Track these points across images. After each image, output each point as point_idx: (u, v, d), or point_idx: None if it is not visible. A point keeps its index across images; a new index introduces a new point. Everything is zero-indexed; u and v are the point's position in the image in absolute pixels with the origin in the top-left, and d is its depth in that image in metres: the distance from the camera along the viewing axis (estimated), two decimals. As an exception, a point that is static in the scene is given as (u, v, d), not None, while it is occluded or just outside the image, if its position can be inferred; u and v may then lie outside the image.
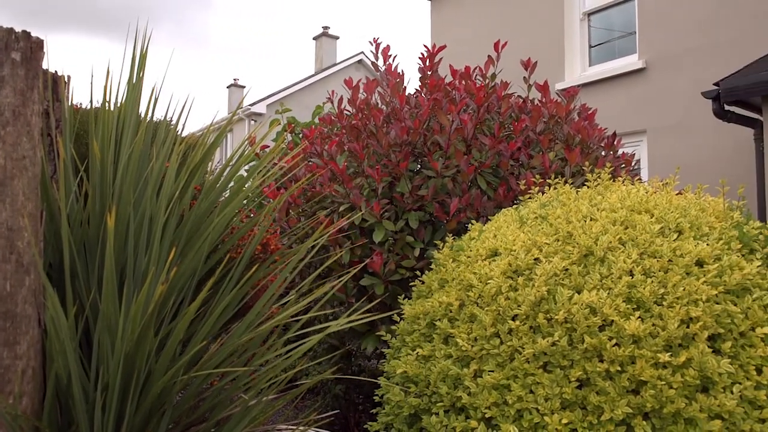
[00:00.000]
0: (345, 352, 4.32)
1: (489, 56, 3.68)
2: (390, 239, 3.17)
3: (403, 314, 2.60)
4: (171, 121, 2.49)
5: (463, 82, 3.61)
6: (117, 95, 2.28)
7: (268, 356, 2.17)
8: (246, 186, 2.35)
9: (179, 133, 2.51)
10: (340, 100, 3.90)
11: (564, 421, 1.83)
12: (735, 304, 1.88)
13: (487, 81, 3.61)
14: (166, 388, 1.77)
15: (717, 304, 1.87)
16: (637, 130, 6.77)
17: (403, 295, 2.95)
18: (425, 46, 3.82)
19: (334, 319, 3.67)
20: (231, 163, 2.36)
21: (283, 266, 2.40)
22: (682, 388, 1.76)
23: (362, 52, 21.29)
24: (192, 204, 2.27)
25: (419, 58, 3.92)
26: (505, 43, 3.78)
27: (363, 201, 3.09)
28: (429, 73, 3.82)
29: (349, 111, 3.90)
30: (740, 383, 1.77)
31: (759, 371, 1.82)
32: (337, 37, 22.94)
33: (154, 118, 2.56)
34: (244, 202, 2.82)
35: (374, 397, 2.60)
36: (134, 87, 2.27)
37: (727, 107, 4.91)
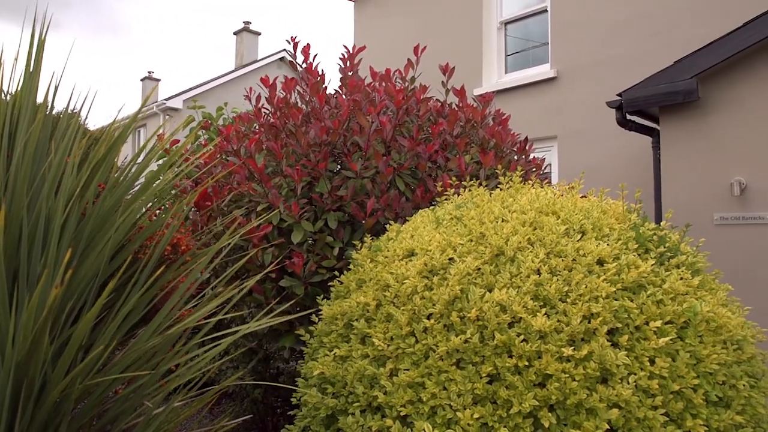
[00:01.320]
0: (263, 355, 4.23)
1: (408, 59, 3.73)
2: (309, 240, 3.14)
3: (321, 315, 2.58)
4: (74, 113, 2.34)
5: (383, 84, 3.64)
6: (12, 84, 2.12)
7: (177, 360, 2.08)
8: (155, 183, 2.25)
9: (83, 126, 2.36)
10: (258, 97, 3.82)
11: (475, 415, 1.88)
12: (631, 300, 2.01)
13: (406, 84, 3.66)
14: (63, 397, 1.66)
15: (615, 300, 1.99)
16: (549, 135, 7.11)
17: (322, 296, 2.93)
18: (345, 46, 3.82)
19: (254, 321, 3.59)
20: (138, 160, 2.25)
21: (195, 267, 2.32)
22: (584, 380, 1.86)
23: (285, 50, 20.93)
24: (95, 202, 2.14)
25: (340, 58, 3.91)
26: (425, 47, 3.85)
27: (281, 201, 3.05)
28: (349, 73, 3.83)
29: (267, 109, 3.83)
30: (635, 374, 1.89)
31: (652, 362, 1.95)
32: (258, 33, 22.46)
33: (56, 110, 2.40)
34: (155, 200, 2.70)
35: (292, 400, 2.56)
36: (31, 75, 2.11)
37: (628, 116, 5.26)
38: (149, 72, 25.35)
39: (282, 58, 21.01)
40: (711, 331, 2.06)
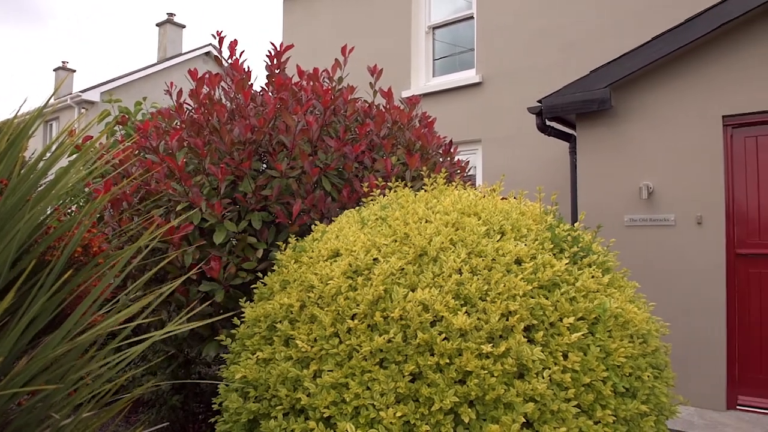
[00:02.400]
0: (184, 360, 4.08)
1: (336, 59, 3.72)
2: (233, 240, 3.07)
3: (244, 317, 2.52)
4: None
5: (311, 84, 3.61)
6: None
7: (89, 368, 1.97)
8: (64, 180, 2.11)
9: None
10: (180, 92, 3.69)
11: (398, 414, 1.90)
12: (547, 298, 2.10)
13: (334, 84, 3.65)
14: (-46, 412, 1.53)
15: (532, 298, 2.07)
16: (474, 139, 7.31)
17: (245, 298, 2.86)
18: (272, 44, 3.76)
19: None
20: (46, 155, 2.11)
21: (109, 269, 2.20)
22: (502, 375, 1.92)
23: (211, 44, 20.36)
24: (-5, 200, 1.98)
25: (266, 56, 3.84)
26: (352, 48, 3.86)
27: (203, 200, 2.95)
28: (276, 71, 3.77)
29: (190, 105, 3.70)
30: (550, 368, 1.97)
31: (565, 356, 2.05)
32: (183, 26, 21.66)
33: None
34: (66, 199, 2.54)
35: (213, 406, 2.49)
36: None
37: (548, 122, 5.50)
38: (63, 62, 23.84)
39: (208, 53, 20.37)
40: (619, 326, 2.19)
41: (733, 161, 4.54)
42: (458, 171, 3.60)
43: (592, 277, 2.28)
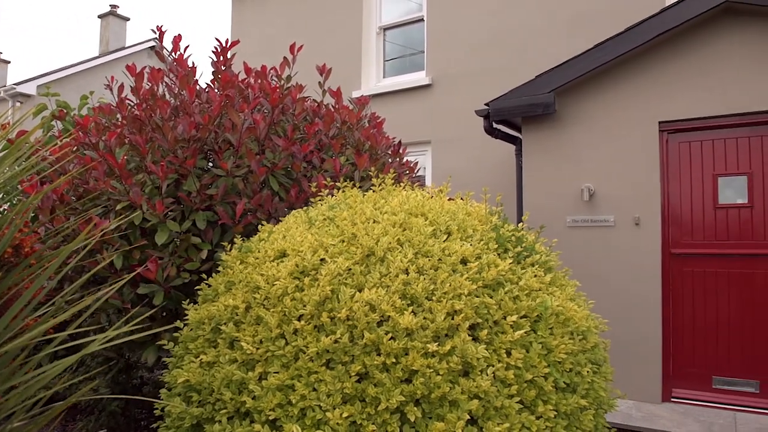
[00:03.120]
0: (124, 364, 3.95)
1: (285, 57, 3.68)
2: (176, 241, 2.98)
3: (187, 320, 2.46)
4: None
5: (259, 81, 3.56)
6: None
7: (19, 378, 1.87)
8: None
9: None
10: (121, 87, 3.56)
11: (345, 414, 1.90)
12: (491, 297, 2.14)
13: (282, 82, 3.60)
14: None
15: (477, 297, 2.10)
16: (424, 140, 7.38)
17: (188, 300, 2.79)
18: (218, 39, 3.68)
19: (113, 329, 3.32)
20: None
21: (42, 271, 2.10)
22: (448, 374, 1.94)
23: (156, 39, 19.75)
24: None
25: (213, 51, 3.76)
26: (301, 46, 3.82)
27: (144, 199, 2.86)
28: (223, 68, 3.69)
29: (131, 101, 3.58)
30: (494, 365, 2.01)
31: (509, 354, 2.09)
32: (127, 19, 20.92)
33: None
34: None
35: (155, 411, 2.41)
36: None
37: (495, 125, 5.61)
38: (-4, 53, 22.61)
39: (153, 47, 19.73)
40: (560, 323, 2.26)
41: (668, 165, 4.76)
42: (407, 171, 3.63)
43: (535, 276, 2.34)
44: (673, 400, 4.65)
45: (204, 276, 2.74)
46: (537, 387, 2.08)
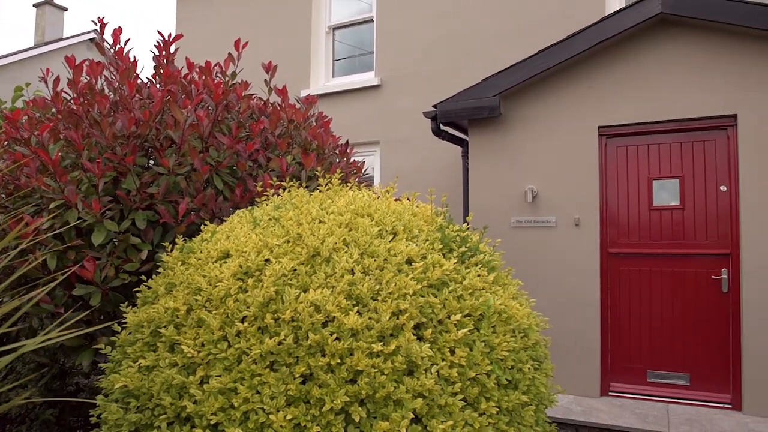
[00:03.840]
0: (58, 370, 3.77)
1: (230, 54, 3.60)
2: (114, 241, 2.87)
3: (125, 323, 2.37)
4: None
5: (203, 77, 3.47)
6: None
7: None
8: None
9: None
10: (57, 80, 3.40)
11: (288, 417, 1.88)
12: (435, 297, 2.17)
13: (227, 79, 3.53)
14: None
15: (422, 297, 2.12)
16: (373, 140, 7.40)
17: (126, 303, 2.69)
18: (161, 33, 3.57)
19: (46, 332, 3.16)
20: None
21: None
22: (392, 373, 1.95)
23: (96, 30, 18.96)
24: None
25: (155, 45, 3.64)
26: (246, 43, 3.76)
27: (80, 198, 2.74)
28: (165, 62, 3.58)
29: (68, 95, 3.43)
30: (437, 364, 2.03)
31: (452, 352, 2.12)
32: (64, 9, 19.98)
33: None
34: None
35: (91, 418, 2.32)
36: None
37: (442, 127, 5.68)
38: None
39: (92, 39, 18.96)
40: (502, 321, 2.30)
41: (606, 168, 4.95)
42: (354, 172, 3.62)
43: (479, 275, 2.38)
44: (611, 394, 4.83)
45: (144, 278, 2.65)
46: (480, 384, 2.12)
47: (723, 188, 4.56)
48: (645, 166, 4.82)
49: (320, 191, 2.72)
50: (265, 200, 2.82)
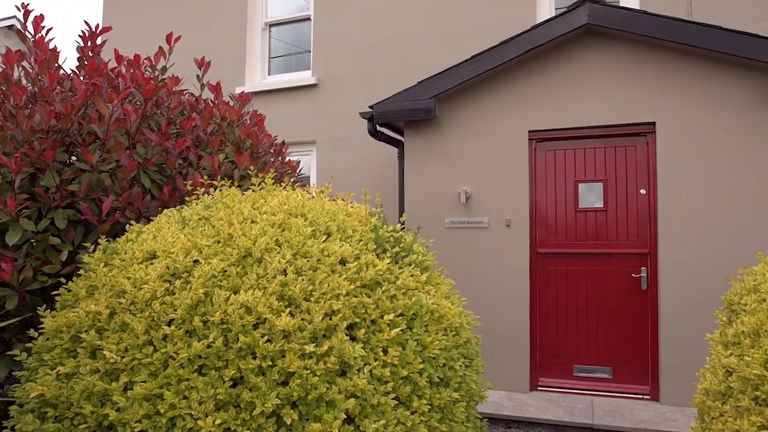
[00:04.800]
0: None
1: (160, 47, 3.48)
2: (32, 241, 2.71)
3: (43, 329, 2.24)
4: None
5: (131, 71, 3.33)
6: None
7: None
8: None
9: None
10: (-34, 70, 3.16)
11: (218, 422, 1.83)
12: (369, 297, 2.17)
13: (157, 73, 3.41)
14: None
15: (355, 297, 2.12)
16: (309, 140, 7.34)
17: (45, 307, 2.54)
18: (86, 23, 3.40)
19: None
20: None
21: None
22: (325, 374, 1.94)
23: (15, 17, 17.80)
24: None
25: (80, 36, 3.46)
26: (179, 37, 3.64)
27: (-8, 195, 2.56)
28: (90, 54, 3.41)
29: (-21, 85, 3.20)
30: (370, 364, 2.04)
31: (385, 352, 2.14)
32: (-22, -6, 18.68)
33: None
34: None
35: (5, 431, 2.18)
36: None
37: (379, 128, 5.71)
38: None
39: (11, 26, 17.80)
40: (435, 320, 2.34)
41: (536, 171, 5.13)
42: (289, 171, 3.58)
43: (412, 275, 2.41)
44: (540, 388, 5.01)
45: (63, 280, 2.51)
46: (412, 383, 2.14)
47: (642, 192, 4.83)
48: (572, 169, 5.04)
49: (253, 191, 2.67)
50: (196, 199, 2.74)
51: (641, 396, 4.75)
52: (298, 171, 3.66)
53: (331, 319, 2.02)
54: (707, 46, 4.40)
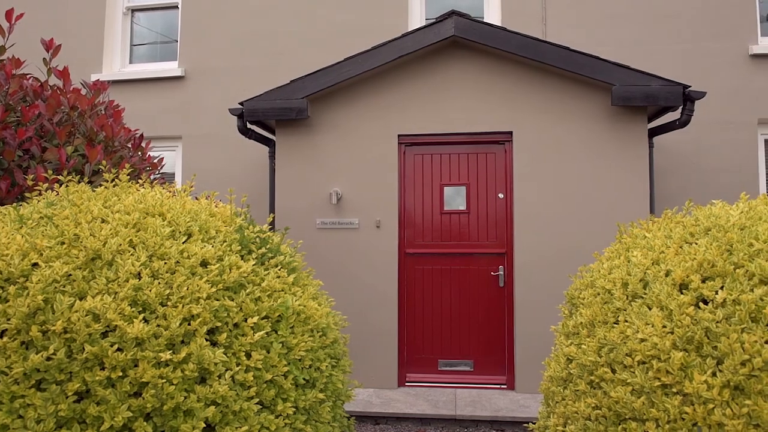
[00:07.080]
0: None
1: (-3, 25, 3.10)
2: None
3: None
4: None
5: (-42, 49, 2.93)
6: None
7: None
8: None
9: None
10: None
11: (58, 441, 1.67)
12: (232, 299, 2.11)
13: (-8, 54, 3.03)
14: None
15: (216, 300, 2.05)
16: (175, 135, 6.95)
17: None
18: None
19: None
20: None
21: None
22: (182, 382, 1.85)
23: None
24: None
25: None
26: (22, 14, 3.27)
27: None
28: None
29: None
30: (232, 369, 1.98)
31: (249, 356, 2.08)
32: None
33: None
34: None
35: None
36: None
37: (249, 125, 5.56)
38: None
39: None
40: (301, 322, 2.33)
41: (405, 174, 5.30)
42: (149, 168, 3.37)
43: (278, 277, 2.38)
44: (407, 384, 5.19)
45: None
46: (277, 386, 2.12)
47: (501, 196, 5.18)
48: (438, 173, 5.27)
49: (105, 188, 2.48)
50: (37, 196, 2.48)
51: (499, 386, 5.10)
52: (159, 168, 3.44)
53: (189, 324, 1.93)
54: (557, 65, 4.83)
